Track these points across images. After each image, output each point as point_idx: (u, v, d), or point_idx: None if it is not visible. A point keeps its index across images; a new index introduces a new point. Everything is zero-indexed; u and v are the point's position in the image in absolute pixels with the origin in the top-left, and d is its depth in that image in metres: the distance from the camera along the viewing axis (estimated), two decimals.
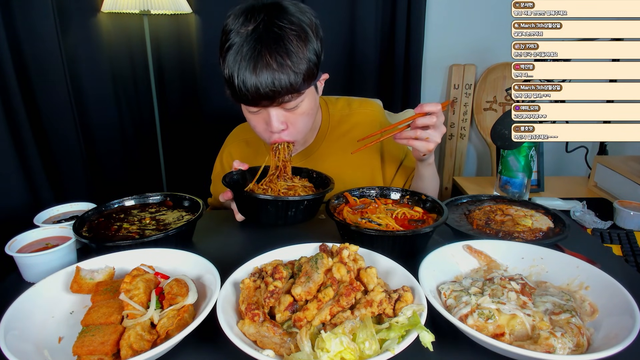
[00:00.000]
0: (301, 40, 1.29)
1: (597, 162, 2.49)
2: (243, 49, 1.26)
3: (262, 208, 1.27)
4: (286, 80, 1.27)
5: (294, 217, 1.28)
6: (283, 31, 1.27)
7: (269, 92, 1.27)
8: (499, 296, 0.91)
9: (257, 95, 1.28)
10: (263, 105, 1.34)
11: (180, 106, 3.43)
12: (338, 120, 1.72)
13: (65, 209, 1.41)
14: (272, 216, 1.28)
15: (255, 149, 1.74)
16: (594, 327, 0.87)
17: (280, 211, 1.27)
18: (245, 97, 1.30)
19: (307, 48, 1.30)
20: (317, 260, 0.92)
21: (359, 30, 3.22)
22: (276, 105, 1.34)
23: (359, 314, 0.84)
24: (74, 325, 0.92)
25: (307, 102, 1.40)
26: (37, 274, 1.11)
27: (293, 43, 1.27)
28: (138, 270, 0.99)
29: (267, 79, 1.25)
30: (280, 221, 1.29)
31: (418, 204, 1.36)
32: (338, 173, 1.51)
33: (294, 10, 1.31)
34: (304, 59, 1.29)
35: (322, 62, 1.39)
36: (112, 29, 3.15)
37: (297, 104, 1.37)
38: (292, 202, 1.26)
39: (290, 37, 1.27)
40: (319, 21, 1.38)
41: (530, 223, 1.24)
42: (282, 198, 1.25)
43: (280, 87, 1.27)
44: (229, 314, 0.88)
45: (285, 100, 1.32)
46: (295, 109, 1.38)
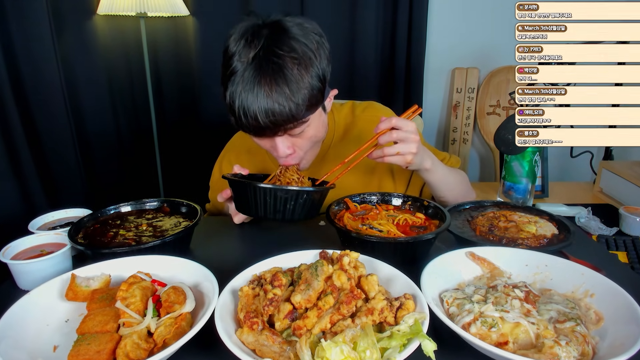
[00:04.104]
0: (302, 68, 1.26)
1: (603, 167, 2.49)
2: (244, 78, 1.24)
3: (260, 199, 1.26)
4: (286, 111, 1.24)
5: (292, 211, 1.26)
6: (282, 59, 1.24)
7: (269, 123, 1.25)
8: (503, 304, 0.91)
9: (258, 126, 1.27)
10: (267, 136, 1.33)
11: (177, 110, 3.44)
12: (343, 129, 1.71)
13: (60, 215, 1.41)
14: (270, 208, 1.27)
15: (259, 157, 1.73)
16: (599, 335, 0.87)
17: (280, 203, 1.25)
18: (247, 127, 1.29)
19: (309, 74, 1.27)
20: (317, 267, 0.92)
21: (359, 33, 3.23)
22: (281, 135, 1.33)
23: (360, 322, 0.84)
24: (69, 333, 0.92)
25: (314, 125, 1.38)
26: (32, 281, 1.11)
27: (293, 71, 1.24)
28: (135, 277, 0.99)
29: (266, 110, 1.23)
30: (278, 215, 1.27)
31: (420, 210, 1.36)
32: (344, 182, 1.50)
33: (296, 33, 1.28)
34: (304, 88, 1.26)
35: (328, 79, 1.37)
36: (108, 31, 3.16)
37: (303, 129, 1.35)
38: (291, 193, 1.24)
39: (290, 66, 1.24)
40: (324, 38, 1.35)
41: (534, 229, 1.24)
42: (281, 187, 1.25)
43: (280, 118, 1.25)
44: (227, 322, 0.88)
45: (289, 129, 1.30)
46: (302, 134, 1.36)
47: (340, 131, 1.70)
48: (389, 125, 1.32)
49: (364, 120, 1.70)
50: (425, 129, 3.00)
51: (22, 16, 2.63)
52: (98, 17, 3.07)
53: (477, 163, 3.67)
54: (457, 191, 1.60)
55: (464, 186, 1.64)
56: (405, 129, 1.33)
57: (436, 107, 3.56)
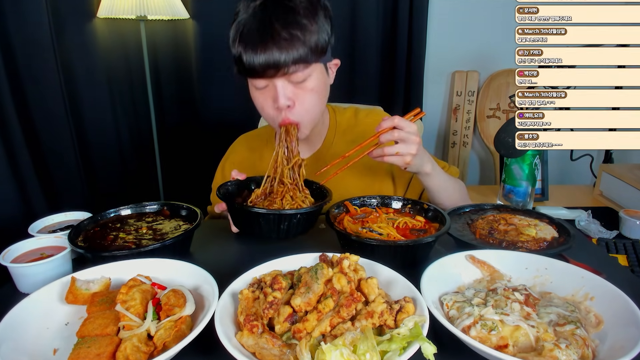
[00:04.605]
0: (311, 15, 1.31)
1: (603, 170, 2.49)
2: (253, 19, 1.29)
3: (255, 221, 1.27)
4: (294, 49, 1.28)
5: (287, 230, 1.28)
6: (293, 2, 1.29)
7: (277, 61, 1.28)
8: (503, 307, 0.91)
9: (265, 63, 1.29)
10: (269, 76, 1.33)
11: (177, 113, 3.45)
12: (344, 130, 1.71)
13: (60, 219, 1.41)
14: (265, 229, 1.28)
15: (259, 155, 1.75)
16: (599, 338, 0.88)
17: (273, 225, 1.27)
18: (253, 66, 1.31)
19: (317, 22, 1.32)
20: (317, 270, 0.93)
21: (359, 35, 3.24)
22: (282, 76, 1.33)
23: (360, 325, 0.85)
24: (69, 336, 0.92)
25: (316, 78, 1.39)
26: (32, 284, 1.11)
27: (302, 15, 1.29)
28: (134, 280, 1.00)
29: (275, 47, 1.27)
30: (273, 234, 1.29)
31: (420, 213, 1.36)
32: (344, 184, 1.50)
33: None
34: (313, 32, 1.31)
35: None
36: (108, 34, 3.17)
37: (305, 77, 1.36)
38: (284, 216, 1.25)
39: (300, 10, 1.29)
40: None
41: (534, 232, 1.25)
42: (274, 211, 1.25)
43: (288, 56, 1.28)
44: (227, 326, 0.88)
45: (292, 71, 1.32)
46: (303, 84, 1.37)
47: (341, 131, 1.71)
48: (391, 124, 1.33)
49: (366, 124, 1.71)
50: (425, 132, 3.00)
51: (21, 18, 2.63)
52: (98, 20, 3.08)
53: (477, 166, 3.68)
54: (455, 199, 1.60)
55: (462, 195, 1.64)
56: (407, 129, 1.34)
57: (436, 110, 3.57)
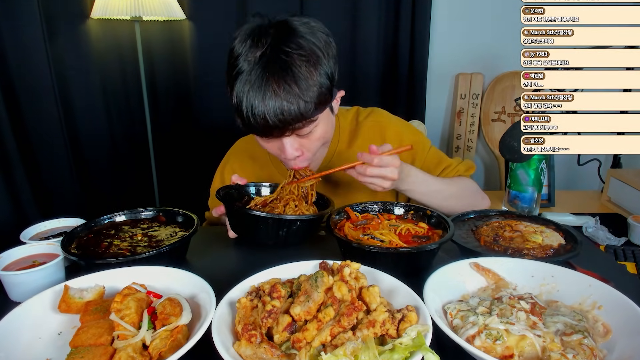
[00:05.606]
0: (311, 65, 1.27)
1: (611, 175, 2.49)
2: (251, 77, 1.25)
3: (253, 225, 1.28)
4: (295, 109, 1.26)
5: (285, 238, 1.29)
6: (290, 57, 1.25)
7: (278, 122, 1.26)
8: (508, 316, 0.91)
9: (266, 125, 1.27)
10: (275, 136, 1.33)
11: (173, 116, 3.44)
12: (348, 136, 1.72)
13: (53, 225, 1.41)
14: (262, 235, 1.28)
15: (262, 164, 1.74)
16: (607, 348, 0.88)
17: (272, 230, 1.27)
18: (255, 127, 1.30)
19: (317, 72, 1.28)
20: (317, 278, 0.93)
21: (361, 39, 3.25)
22: (288, 135, 1.34)
23: (361, 335, 0.84)
24: (62, 346, 0.92)
25: (322, 126, 1.39)
26: (24, 292, 1.11)
27: (302, 69, 1.26)
28: (129, 289, 1.00)
29: (275, 109, 1.24)
30: (270, 241, 1.29)
31: (423, 219, 1.36)
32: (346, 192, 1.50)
33: (304, 32, 1.29)
34: (314, 85, 1.28)
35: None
36: (102, 35, 3.17)
37: (311, 129, 1.36)
38: (284, 221, 1.26)
39: (299, 63, 1.25)
40: (331, 37, 1.37)
41: (540, 239, 1.25)
42: (273, 216, 1.26)
43: (289, 117, 1.26)
44: (224, 335, 0.88)
45: (297, 128, 1.31)
46: (310, 135, 1.37)
47: (345, 137, 1.71)
48: (370, 161, 1.33)
49: (367, 127, 1.72)
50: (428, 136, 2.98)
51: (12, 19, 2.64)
52: (92, 21, 3.08)
53: (482, 171, 3.68)
54: (453, 202, 1.60)
55: (465, 196, 1.64)
56: (384, 168, 1.33)
57: (439, 113, 3.57)
